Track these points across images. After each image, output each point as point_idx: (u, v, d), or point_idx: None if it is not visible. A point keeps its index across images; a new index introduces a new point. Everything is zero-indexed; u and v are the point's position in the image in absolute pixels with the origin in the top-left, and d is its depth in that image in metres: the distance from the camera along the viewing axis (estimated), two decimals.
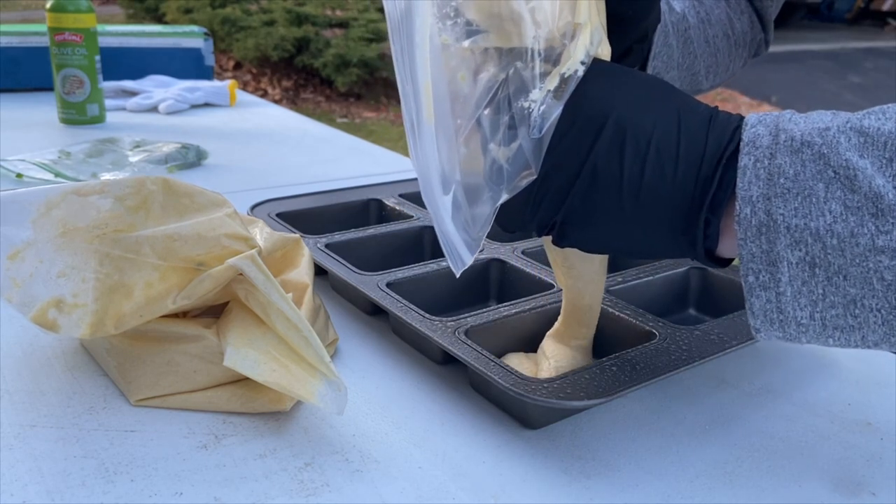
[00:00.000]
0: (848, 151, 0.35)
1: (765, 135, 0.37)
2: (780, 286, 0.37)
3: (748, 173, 0.37)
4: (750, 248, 0.37)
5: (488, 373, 0.47)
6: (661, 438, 0.48)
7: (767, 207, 0.36)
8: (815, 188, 0.35)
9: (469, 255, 0.41)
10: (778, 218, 0.36)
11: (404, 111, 0.41)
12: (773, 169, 0.36)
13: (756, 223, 0.36)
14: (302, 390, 0.44)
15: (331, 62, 5.30)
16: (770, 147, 0.36)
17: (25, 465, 0.42)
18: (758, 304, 0.38)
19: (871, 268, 0.34)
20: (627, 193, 0.39)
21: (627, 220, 0.40)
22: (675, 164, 0.38)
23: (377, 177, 1.01)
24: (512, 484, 0.43)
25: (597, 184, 0.39)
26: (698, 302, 0.65)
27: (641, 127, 0.39)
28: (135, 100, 1.38)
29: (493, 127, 0.40)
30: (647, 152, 0.38)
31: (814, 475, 0.45)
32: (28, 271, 0.45)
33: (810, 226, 0.35)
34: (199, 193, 0.48)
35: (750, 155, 0.37)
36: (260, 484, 0.42)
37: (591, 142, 0.39)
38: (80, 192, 0.46)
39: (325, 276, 0.66)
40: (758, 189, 0.36)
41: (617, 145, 0.39)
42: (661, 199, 0.39)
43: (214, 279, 0.46)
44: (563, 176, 0.40)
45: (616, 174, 0.39)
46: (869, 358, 0.59)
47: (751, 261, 0.37)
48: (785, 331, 0.38)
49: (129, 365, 0.49)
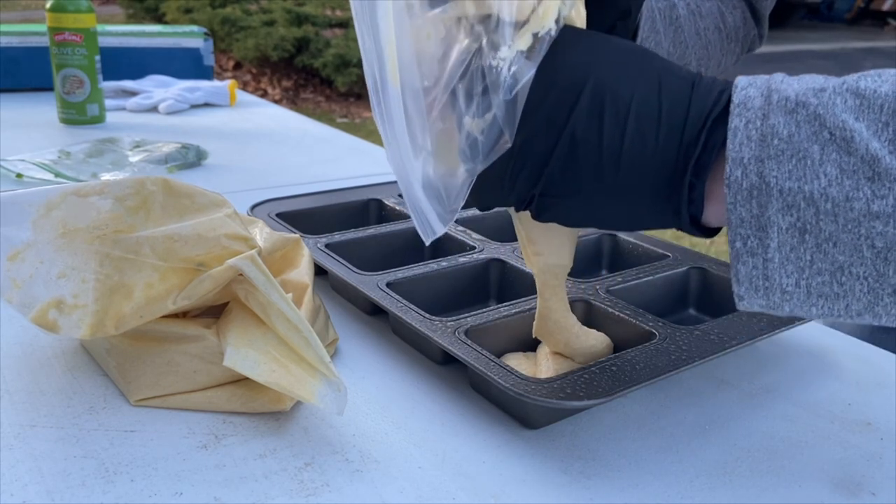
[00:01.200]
0: (844, 113, 0.34)
1: (756, 96, 0.36)
2: (769, 252, 0.36)
3: (739, 135, 0.35)
4: (739, 212, 0.36)
5: (488, 373, 0.47)
6: (661, 438, 0.48)
7: (760, 170, 0.35)
8: (810, 150, 0.34)
9: (441, 226, 0.40)
10: (771, 181, 0.35)
11: (366, 70, 0.39)
12: (767, 130, 0.35)
13: (747, 186, 0.35)
14: (302, 390, 0.44)
15: (331, 62, 5.30)
16: (762, 108, 0.35)
17: (25, 465, 0.42)
18: (744, 271, 0.37)
19: (862, 234, 0.34)
20: (608, 160, 0.38)
21: (609, 189, 0.39)
22: (657, 127, 0.37)
23: (377, 177, 1.01)
24: (512, 484, 0.43)
25: (576, 152, 0.38)
26: (698, 302, 0.65)
27: (620, 91, 0.38)
28: (135, 100, 1.38)
29: (468, 98, 0.38)
30: (626, 117, 0.37)
31: (814, 475, 0.45)
32: (28, 272, 0.45)
33: (804, 189, 0.34)
34: (199, 194, 0.48)
35: (741, 116, 0.36)
36: (260, 484, 0.42)
37: (568, 108, 0.38)
38: (80, 192, 0.46)
39: (325, 276, 0.66)
40: (750, 151, 0.35)
41: (596, 111, 0.37)
42: (644, 165, 0.37)
43: (214, 279, 0.46)
44: (540, 145, 0.39)
45: (595, 141, 0.38)
46: (869, 358, 0.59)
47: (739, 226, 0.36)
48: (769, 298, 0.37)
49: (129, 365, 0.49)
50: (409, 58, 0.38)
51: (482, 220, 0.77)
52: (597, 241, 0.73)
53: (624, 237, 0.72)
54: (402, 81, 0.38)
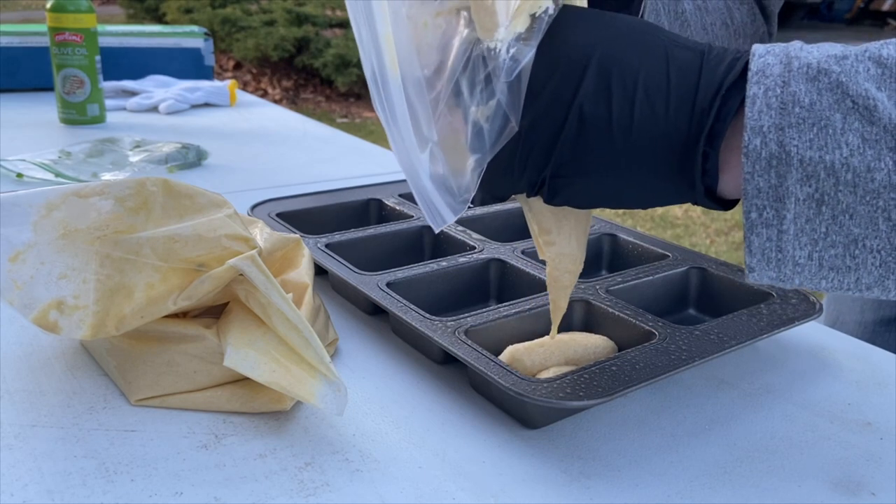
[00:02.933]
0: (866, 82, 0.33)
1: (775, 63, 0.35)
2: (784, 224, 0.35)
3: (758, 102, 0.34)
4: (757, 182, 0.35)
5: (488, 373, 0.47)
6: (661, 438, 0.48)
7: (780, 138, 0.34)
8: (832, 119, 0.33)
9: (451, 215, 0.40)
10: (791, 150, 0.34)
11: (364, 62, 0.38)
12: (787, 97, 0.34)
13: (766, 155, 0.34)
14: (302, 391, 0.44)
15: (331, 62, 5.30)
16: (782, 75, 0.34)
17: (25, 464, 0.42)
18: (757, 242, 0.36)
19: (880, 206, 0.33)
20: (619, 137, 0.37)
21: (621, 166, 0.38)
22: (667, 99, 0.36)
23: (377, 177, 1.01)
24: (512, 484, 0.43)
25: (585, 130, 0.37)
26: (698, 302, 0.65)
27: (627, 65, 0.37)
28: (135, 100, 1.38)
29: (471, 87, 0.38)
30: (635, 90, 0.37)
31: (814, 475, 0.45)
32: (29, 273, 0.45)
33: (825, 159, 0.33)
34: (200, 194, 0.48)
35: (760, 84, 0.35)
36: (260, 484, 0.42)
37: (574, 86, 0.37)
38: (81, 193, 0.46)
39: (325, 276, 0.66)
40: (769, 119, 0.34)
41: (603, 87, 0.37)
42: (655, 138, 0.37)
43: (215, 280, 0.46)
44: (548, 126, 0.38)
45: (604, 117, 0.37)
46: (869, 358, 0.59)
47: (756, 196, 0.35)
48: (780, 270, 0.36)
49: (129, 365, 0.49)
50: (407, 47, 0.37)
51: (482, 220, 0.77)
52: (597, 241, 0.73)
53: (624, 237, 0.72)
54: (402, 72, 0.37)
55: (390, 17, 0.37)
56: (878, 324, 0.85)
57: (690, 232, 3.10)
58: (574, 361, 0.52)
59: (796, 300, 0.59)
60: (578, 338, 0.54)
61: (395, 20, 0.37)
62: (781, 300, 0.59)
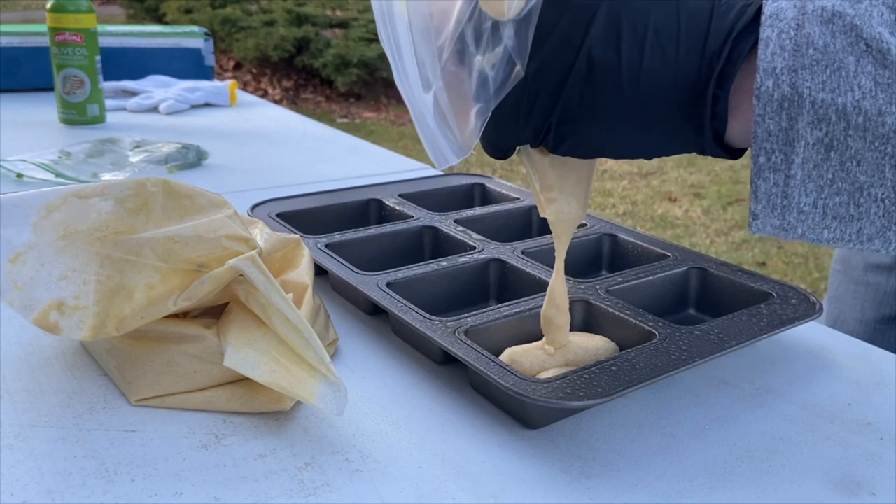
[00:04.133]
0: (880, 26, 0.33)
1: (789, 7, 0.35)
2: (792, 169, 0.35)
3: (772, 44, 0.34)
4: (767, 125, 0.35)
5: (488, 373, 0.47)
6: (661, 438, 0.48)
7: (793, 80, 0.34)
8: (845, 61, 0.33)
9: (454, 157, 0.40)
10: (804, 91, 0.34)
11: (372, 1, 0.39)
12: (801, 39, 0.34)
13: (778, 97, 0.34)
14: (302, 391, 0.44)
15: (331, 62, 5.31)
16: (797, 18, 0.34)
17: (25, 464, 0.42)
18: (763, 188, 0.36)
19: (888, 153, 0.33)
20: (627, 80, 0.37)
21: (629, 112, 0.38)
22: (677, 42, 0.37)
23: (377, 177, 1.01)
24: (512, 484, 0.43)
25: (593, 75, 0.37)
26: (698, 302, 0.65)
27: (637, 8, 0.37)
28: (135, 100, 1.38)
29: (477, 36, 0.38)
30: (645, 34, 0.37)
31: (814, 475, 0.45)
32: (29, 274, 0.45)
33: (837, 101, 0.33)
34: (200, 195, 0.48)
35: (773, 27, 0.34)
36: (260, 484, 0.42)
37: (583, 29, 0.37)
38: (81, 194, 0.46)
39: (325, 276, 0.66)
40: (783, 61, 0.34)
41: (613, 30, 0.37)
42: (664, 82, 0.37)
43: (215, 280, 0.46)
44: (555, 70, 0.38)
45: (613, 61, 0.37)
46: (869, 358, 0.59)
47: (766, 140, 0.35)
48: (784, 218, 0.36)
49: (129, 365, 0.49)
50: None
51: (482, 220, 0.77)
52: (597, 241, 0.73)
53: (624, 237, 0.72)
54: (409, 9, 0.37)
55: None
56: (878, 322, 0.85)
57: (690, 232, 3.10)
58: (574, 364, 0.52)
59: (796, 300, 0.59)
60: (579, 340, 0.54)
61: None
62: (781, 300, 0.59)
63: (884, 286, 0.84)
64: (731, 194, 3.52)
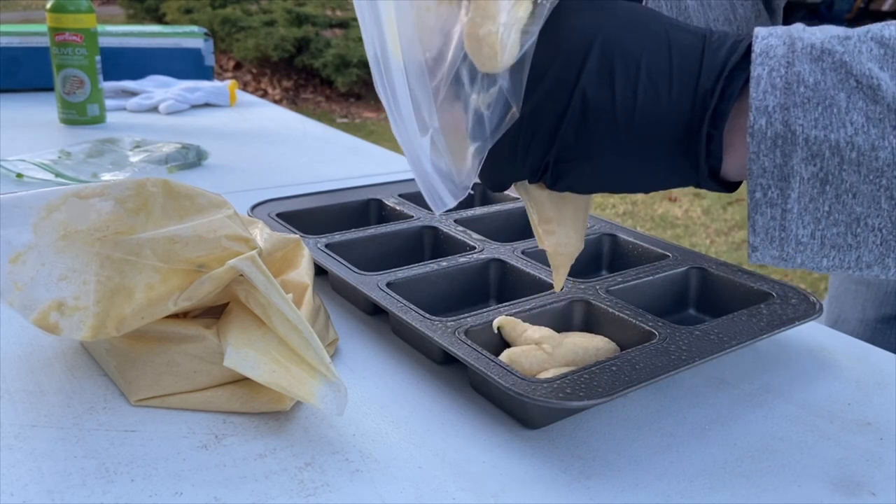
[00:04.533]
0: (869, 62, 0.34)
1: (779, 45, 0.35)
2: (788, 203, 0.36)
3: (763, 83, 0.35)
4: (762, 162, 0.35)
5: (488, 373, 0.47)
6: (661, 438, 0.48)
7: (785, 118, 0.34)
8: (836, 98, 0.34)
9: (451, 200, 0.40)
10: (797, 129, 0.34)
11: (366, 44, 0.39)
12: (792, 77, 0.34)
13: (772, 135, 0.35)
14: (302, 391, 0.44)
15: (331, 62, 5.31)
16: (786, 56, 0.35)
17: (25, 464, 0.42)
18: (761, 222, 0.36)
19: (883, 185, 0.34)
20: (622, 119, 0.37)
21: (624, 149, 0.38)
22: (669, 82, 0.37)
23: (377, 177, 1.01)
24: (512, 484, 0.43)
25: (588, 114, 0.38)
26: (698, 302, 0.65)
27: (629, 48, 0.37)
28: (135, 100, 1.38)
29: (472, 75, 0.38)
30: (637, 73, 0.37)
31: (814, 475, 0.45)
32: (29, 275, 0.45)
33: (830, 138, 0.34)
34: (200, 195, 0.48)
35: (764, 65, 0.35)
36: (260, 484, 0.42)
37: (577, 70, 0.37)
38: (81, 194, 0.46)
39: (325, 276, 0.66)
40: (774, 99, 0.35)
41: (606, 70, 0.37)
42: (658, 121, 0.37)
43: (215, 281, 0.46)
44: (551, 110, 0.38)
45: (608, 100, 0.37)
46: (869, 358, 0.59)
47: (761, 176, 0.36)
48: (783, 249, 0.37)
49: (128, 365, 0.49)
50: (409, 31, 0.38)
51: (482, 220, 0.77)
52: (597, 241, 0.73)
53: (624, 237, 0.72)
54: (404, 55, 0.38)
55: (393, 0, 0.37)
56: (879, 321, 0.85)
57: (690, 232, 3.10)
58: (574, 364, 0.52)
59: (796, 300, 0.59)
60: (579, 340, 0.54)
61: (398, 3, 0.37)
62: (781, 300, 0.59)
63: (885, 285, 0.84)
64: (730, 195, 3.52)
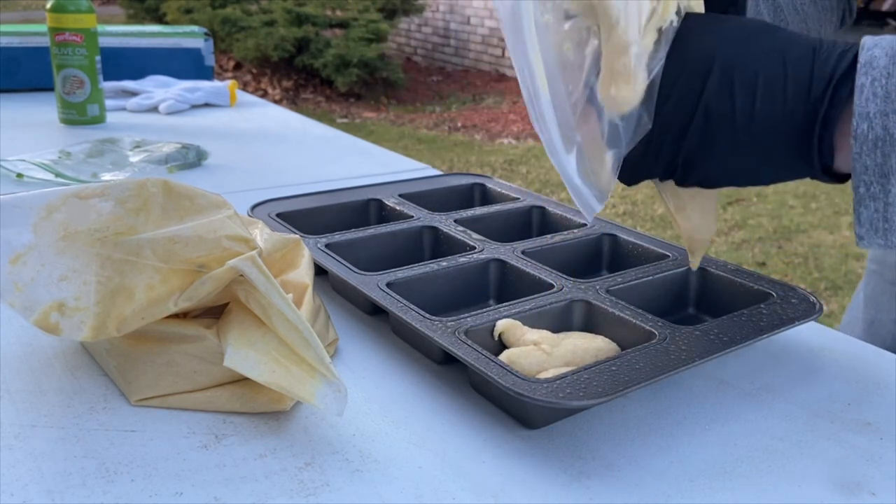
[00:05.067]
0: None
1: (881, 56, 0.40)
2: (889, 197, 0.40)
3: (865, 91, 0.39)
4: (864, 161, 0.40)
5: (488, 373, 0.47)
6: (660, 438, 0.48)
7: (884, 123, 0.39)
8: None
9: (598, 205, 0.46)
10: (894, 132, 0.39)
11: (521, 85, 0.44)
12: (891, 87, 0.39)
13: (872, 138, 0.39)
14: (302, 391, 0.44)
15: (331, 62, 5.30)
16: (887, 67, 0.39)
17: (26, 464, 0.42)
18: (865, 214, 0.41)
19: None
20: (741, 126, 0.42)
21: (745, 150, 0.43)
22: (784, 91, 0.42)
23: (377, 177, 1.01)
24: (512, 484, 0.43)
25: (711, 122, 0.43)
26: (698, 302, 0.65)
27: (747, 64, 0.42)
28: (135, 100, 1.38)
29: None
30: (755, 86, 0.42)
31: (814, 475, 0.45)
32: (30, 275, 0.45)
33: None
34: (200, 195, 0.48)
35: (867, 75, 0.40)
36: (260, 484, 0.42)
37: (700, 85, 0.43)
38: (81, 195, 0.46)
39: (325, 276, 0.66)
40: (875, 106, 0.39)
41: (726, 84, 0.42)
42: (774, 126, 0.42)
43: (215, 281, 0.46)
44: (678, 120, 0.44)
45: (728, 110, 0.42)
46: (869, 358, 0.59)
47: (864, 173, 0.40)
48: (887, 238, 0.42)
49: (129, 365, 0.49)
50: (553, 68, 0.44)
51: (482, 220, 0.77)
52: (597, 241, 0.73)
53: (624, 237, 0.72)
54: (550, 89, 0.43)
55: (538, 43, 0.43)
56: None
57: None
58: (574, 364, 0.52)
59: (796, 300, 0.59)
60: (579, 340, 0.54)
61: (542, 45, 0.43)
62: (781, 300, 0.59)
63: None
64: (730, 194, 3.52)
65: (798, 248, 3.01)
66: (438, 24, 6.82)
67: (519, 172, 3.89)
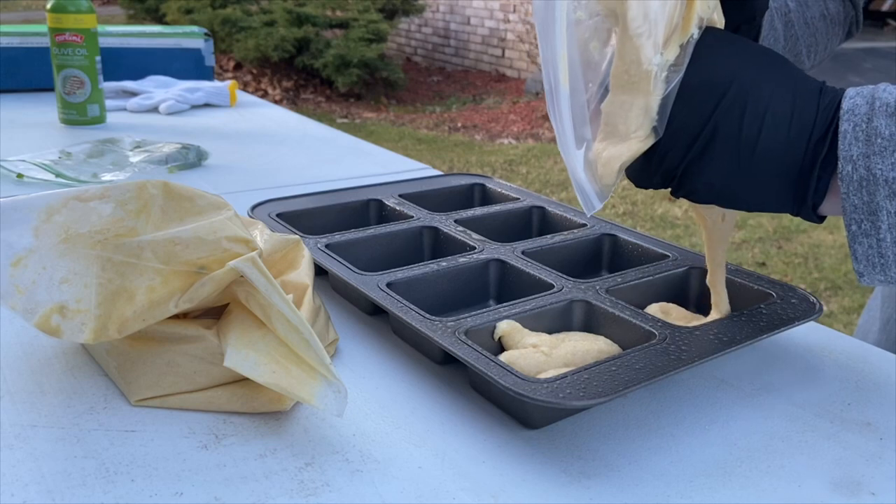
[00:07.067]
0: None
1: (862, 104, 0.42)
2: (881, 233, 0.42)
3: (848, 136, 0.42)
4: (852, 200, 0.42)
5: (488, 373, 0.47)
6: (660, 438, 0.48)
7: (867, 164, 0.41)
8: None
9: (599, 203, 0.47)
10: (877, 172, 0.41)
11: (544, 77, 0.45)
12: (871, 131, 0.42)
13: (857, 178, 0.42)
14: (302, 392, 0.44)
15: (331, 63, 5.31)
16: (867, 113, 0.42)
17: (26, 465, 0.42)
18: (860, 251, 0.43)
19: None
20: (744, 150, 0.44)
21: (741, 173, 0.45)
22: (789, 127, 0.44)
23: (377, 177, 1.01)
24: (512, 484, 0.43)
25: (715, 141, 0.44)
26: (698, 302, 0.65)
27: (761, 94, 0.44)
28: (135, 100, 1.38)
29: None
30: (764, 115, 0.44)
31: (814, 475, 0.45)
32: (31, 278, 0.45)
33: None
34: (200, 196, 0.48)
35: (849, 121, 0.42)
36: (260, 484, 0.42)
37: (714, 103, 0.44)
38: (82, 197, 0.46)
39: (325, 276, 0.66)
40: (857, 149, 0.42)
41: (738, 108, 0.44)
42: (774, 157, 0.44)
43: (216, 282, 0.46)
44: (686, 135, 0.45)
45: (735, 133, 0.44)
46: (869, 358, 0.59)
47: (853, 212, 0.42)
48: (886, 273, 0.43)
49: (129, 365, 0.49)
50: (577, 64, 0.45)
51: (482, 220, 0.77)
52: (597, 241, 0.73)
53: (624, 237, 0.72)
54: (571, 84, 0.45)
55: (566, 37, 0.44)
56: None
57: (690, 232, 3.10)
58: (574, 364, 0.52)
59: (796, 300, 0.59)
60: (579, 340, 0.54)
61: (570, 40, 0.44)
62: (781, 300, 0.59)
63: None
64: None
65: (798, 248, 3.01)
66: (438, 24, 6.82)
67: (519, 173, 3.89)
